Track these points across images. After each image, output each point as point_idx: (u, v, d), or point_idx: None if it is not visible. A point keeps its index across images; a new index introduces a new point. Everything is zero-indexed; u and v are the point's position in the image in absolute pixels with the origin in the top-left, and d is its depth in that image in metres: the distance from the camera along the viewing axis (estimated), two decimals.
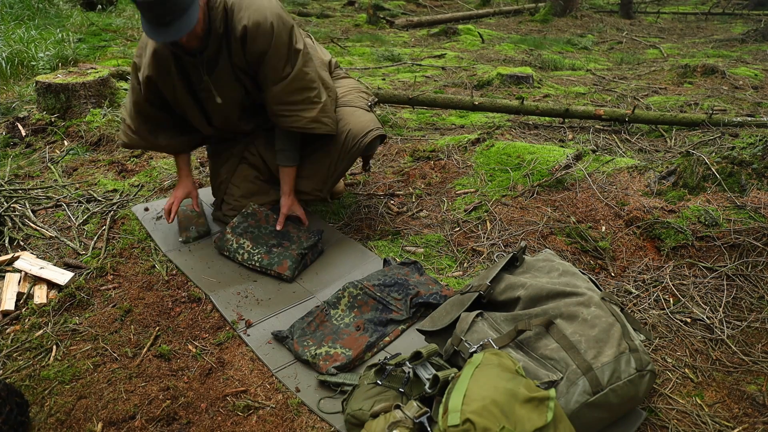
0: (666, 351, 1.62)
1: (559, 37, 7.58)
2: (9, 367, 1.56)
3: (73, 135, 3.15)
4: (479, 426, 1.01)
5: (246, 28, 1.79)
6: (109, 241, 2.18)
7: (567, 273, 1.49)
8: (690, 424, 1.39)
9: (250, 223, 2.11)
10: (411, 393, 1.30)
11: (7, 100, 3.75)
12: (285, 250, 2.03)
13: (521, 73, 4.61)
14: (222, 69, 1.91)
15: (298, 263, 2.01)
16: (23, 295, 1.84)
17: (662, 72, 5.15)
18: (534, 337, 1.34)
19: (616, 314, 1.34)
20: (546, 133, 3.37)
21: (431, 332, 1.54)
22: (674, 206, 2.13)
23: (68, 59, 4.64)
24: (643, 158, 2.88)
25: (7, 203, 2.38)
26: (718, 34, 8.06)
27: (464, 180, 2.65)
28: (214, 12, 1.78)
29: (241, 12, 1.80)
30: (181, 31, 1.64)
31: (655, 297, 1.83)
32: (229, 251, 2.07)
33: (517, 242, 2.14)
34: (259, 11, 1.80)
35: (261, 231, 2.10)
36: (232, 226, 2.10)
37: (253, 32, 1.79)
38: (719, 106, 3.86)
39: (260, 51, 1.82)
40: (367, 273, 1.97)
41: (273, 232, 2.10)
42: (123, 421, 1.41)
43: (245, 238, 2.05)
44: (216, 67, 1.90)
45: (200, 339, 1.70)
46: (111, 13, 7.55)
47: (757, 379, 1.52)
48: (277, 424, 1.41)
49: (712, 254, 1.94)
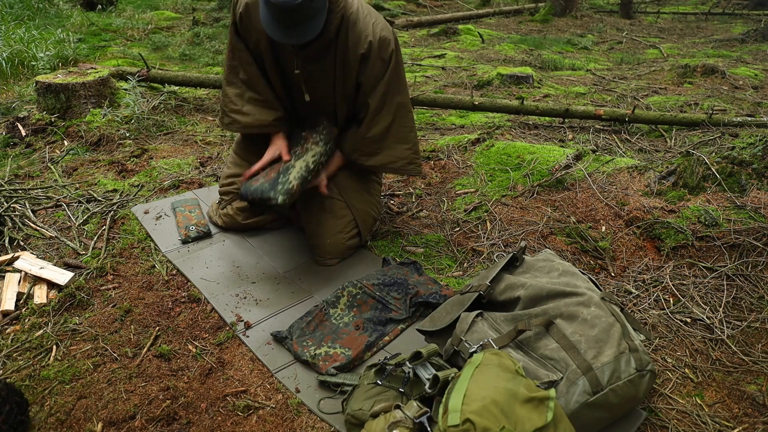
0: (666, 351, 1.62)
1: (559, 37, 7.58)
2: (9, 367, 1.56)
3: (73, 135, 3.15)
4: (479, 426, 1.01)
5: (371, 43, 1.77)
6: (109, 241, 2.18)
7: (567, 273, 1.49)
8: (690, 424, 1.39)
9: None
10: (411, 393, 1.30)
11: (7, 100, 3.75)
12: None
13: (521, 73, 4.61)
14: (320, 71, 1.86)
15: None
16: (23, 295, 1.84)
17: (662, 72, 5.15)
18: (534, 337, 1.34)
19: (616, 314, 1.34)
20: (546, 133, 3.37)
21: (431, 332, 1.54)
22: (674, 206, 2.13)
23: (68, 59, 4.64)
24: (643, 158, 2.88)
25: (7, 203, 2.38)
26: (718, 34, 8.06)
27: (464, 180, 2.65)
28: (332, 15, 1.73)
29: (366, 27, 1.79)
30: (305, 36, 1.61)
31: (655, 297, 1.83)
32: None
33: (517, 242, 2.14)
34: (386, 29, 1.81)
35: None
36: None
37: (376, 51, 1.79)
38: (719, 106, 3.86)
39: (379, 71, 1.81)
40: (366, 273, 1.97)
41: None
42: (123, 421, 1.41)
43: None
44: (313, 65, 1.85)
45: (200, 339, 1.70)
46: (111, 13, 7.55)
47: (757, 379, 1.52)
48: (277, 424, 1.41)
49: (712, 254, 1.94)
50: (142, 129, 3.31)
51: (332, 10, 1.72)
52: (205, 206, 2.43)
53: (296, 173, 1.89)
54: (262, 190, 1.85)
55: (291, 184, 1.86)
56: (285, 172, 1.90)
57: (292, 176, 1.88)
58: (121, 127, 3.24)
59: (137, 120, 3.32)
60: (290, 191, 1.85)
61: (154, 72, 3.92)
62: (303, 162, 1.92)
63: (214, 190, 2.60)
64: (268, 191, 1.84)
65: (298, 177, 1.89)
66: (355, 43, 1.78)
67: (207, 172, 2.81)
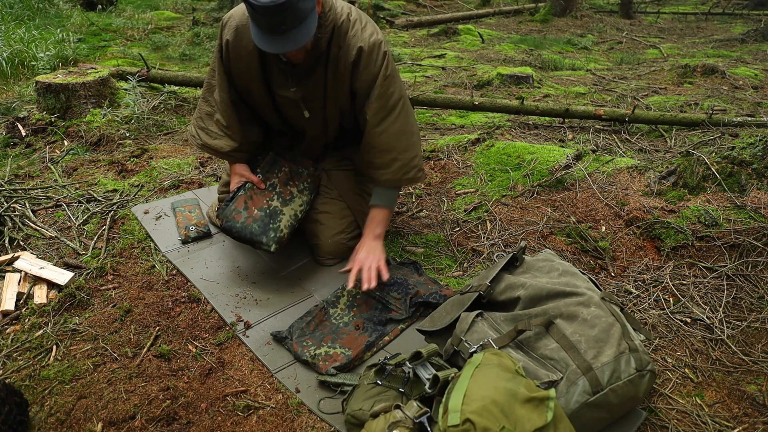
0: (666, 351, 1.62)
1: (559, 37, 7.58)
2: (9, 367, 1.56)
3: (73, 135, 3.15)
4: (479, 426, 1.01)
5: (361, 49, 1.72)
6: (109, 241, 2.18)
7: (567, 273, 1.49)
8: (690, 424, 1.39)
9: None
10: (411, 393, 1.30)
11: (7, 100, 3.75)
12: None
13: (521, 73, 4.61)
14: (313, 85, 1.82)
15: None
16: (23, 295, 1.84)
17: (662, 72, 5.15)
18: (534, 337, 1.34)
19: (616, 314, 1.34)
20: (546, 133, 3.37)
21: (431, 332, 1.54)
22: (674, 206, 2.13)
23: (68, 59, 4.64)
24: (643, 158, 2.88)
25: (7, 203, 2.38)
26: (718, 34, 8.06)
27: (464, 180, 2.65)
28: (323, 29, 1.68)
29: (355, 34, 1.73)
30: (298, 42, 1.53)
31: (655, 297, 1.83)
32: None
33: (517, 242, 2.14)
34: (375, 33, 1.75)
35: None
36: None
37: (366, 56, 1.72)
38: (719, 106, 3.86)
39: (372, 75, 1.75)
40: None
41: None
42: (123, 421, 1.41)
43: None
44: (307, 80, 1.82)
45: (200, 339, 1.70)
46: (111, 13, 7.55)
47: (757, 379, 1.52)
48: (277, 424, 1.41)
49: (712, 254, 1.94)
50: (142, 129, 3.31)
51: (322, 24, 1.67)
52: (205, 206, 2.43)
53: (286, 222, 1.94)
54: (252, 232, 1.89)
55: (282, 233, 1.92)
56: (274, 217, 1.93)
57: (282, 224, 1.93)
58: (121, 127, 3.24)
59: (137, 120, 3.32)
60: (281, 240, 1.92)
61: (154, 72, 3.92)
62: (292, 210, 1.97)
63: (214, 190, 2.60)
64: (260, 235, 1.89)
65: (288, 226, 1.95)
66: (345, 52, 1.74)
67: (207, 172, 2.81)
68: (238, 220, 1.89)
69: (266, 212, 1.93)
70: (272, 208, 1.94)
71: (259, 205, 1.94)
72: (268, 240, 1.88)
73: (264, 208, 1.93)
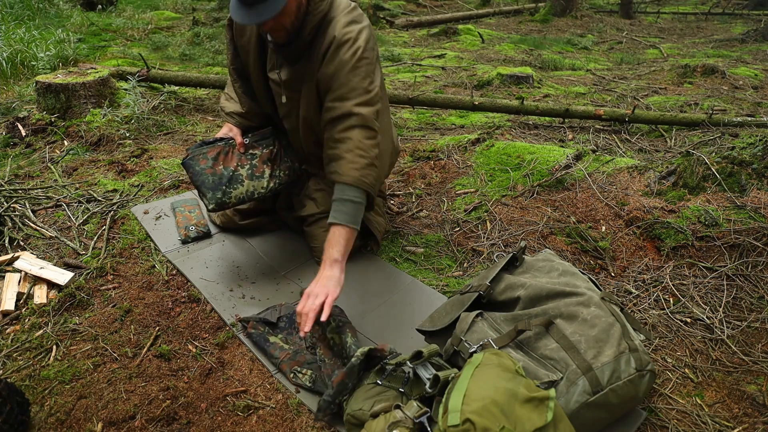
0: (666, 351, 1.62)
1: (559, 37, 7.58)
2: (9, 367, 1.56)
3: (73, 135, 3.15)
4: (479, 426, 1.01)
5: (333, 38, 1.68)
6: (109, 241, 2.18)
7: (567, 273, 1.49)
8: (690, 424, 1.39)
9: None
10: (411, 393, 1.30)
11: (7, 100, 3.75)
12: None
13: (521, 73, 4.61)
14: (296, 72, 1.80)
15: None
16: (23, 295, 1.84)
17: (662, 72, 5.15)
18: (534, 337, 1.34)
19: (616, 314, 1.34)
20: (546, 133, 3.37)
21: (431, 332, 1.54)
22: (674, 206, 2.13)
23: (68, 59, 4.64)
24: (643, 158, 2.88)
25: (7, 203, 2.38)
26: (718, 34, 8.06)
27: (464, 180, 2.65)
28: (311, 17, 1.68)
29: (336, 25, 1.70)
30: (263, 15, 1.55)
31: (655, 297, 1.83)
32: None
33: (517, 242, 2.14)
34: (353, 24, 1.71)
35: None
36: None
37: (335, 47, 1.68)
38: (719, 106, 3.86)
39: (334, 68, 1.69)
40: (366, 273, 1.97)
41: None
42: (123, 421, 1.41)
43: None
44: (292, 65, 1.80)
45: (200, 339, 1.70)
46: (111, 13, 7.55)
47: (757, 379, 1.52)
48: (277, 424, 1.41)
49: (712, 254, 1.94)
50: (142, 129, 3.31)
51: (310, 12, 1.68)
52: (203, 206, 2.43)
53: (239, 193, 1.94)
54: (204, 182, 1.90)
55: (229, 200, 1.93)
56: (233, 182, 1.92)
57: (234, 193, 1.93)
58: (121, 127, 3.24)
59: (137, 120, 3.32)
60: (223, 205, 1.93)
61: (154, 72, 3.92)
62: (252, 187, 1.95)
63: None
64: (208, 189, 1.89)
65: (238, 198, 1.94)
66: (321, 41, 1.72)
67: None
68: (200, 164, 1.91)
69: (230, 174, 1.93)
70: (236, 174, 1.94)
71: (228, 165, 1.94)
72: (212, 197, 1.89)
73: (230, 170, 1.93)
